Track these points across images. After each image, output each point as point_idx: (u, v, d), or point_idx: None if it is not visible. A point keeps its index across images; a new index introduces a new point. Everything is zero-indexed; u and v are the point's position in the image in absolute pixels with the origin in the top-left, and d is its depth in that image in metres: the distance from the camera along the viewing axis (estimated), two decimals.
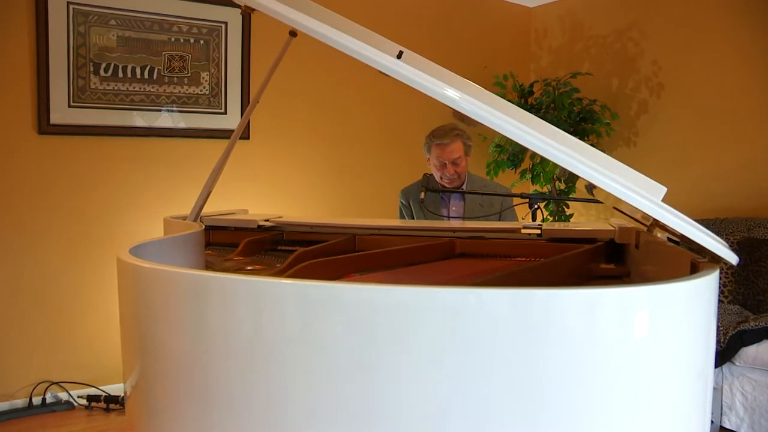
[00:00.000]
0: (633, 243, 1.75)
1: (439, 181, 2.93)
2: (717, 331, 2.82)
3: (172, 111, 3.49)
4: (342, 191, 4.14)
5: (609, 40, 4.47)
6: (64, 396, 3.22)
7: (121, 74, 3.33)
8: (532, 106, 4.28)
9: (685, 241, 1.18)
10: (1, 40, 3.05)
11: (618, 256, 1.88)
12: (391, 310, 0.96)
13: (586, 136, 4.17)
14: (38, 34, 3.08)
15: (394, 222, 2.54)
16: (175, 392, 1.13)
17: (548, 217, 4.19)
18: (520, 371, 0.95)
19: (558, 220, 4.16)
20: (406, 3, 4.35)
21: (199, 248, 1.76)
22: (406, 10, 4.33)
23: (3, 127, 3.08)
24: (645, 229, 1.68)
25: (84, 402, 3.19)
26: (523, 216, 3.04)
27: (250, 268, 1.85)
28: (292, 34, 2.01)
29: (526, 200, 2.49)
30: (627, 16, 4.35)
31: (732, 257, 1.11)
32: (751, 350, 2.82)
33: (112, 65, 3.30)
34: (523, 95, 4.38)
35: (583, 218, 4.60)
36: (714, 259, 1.16)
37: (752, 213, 3.59)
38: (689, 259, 1.22)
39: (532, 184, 4.26)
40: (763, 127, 3.64)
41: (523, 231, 2.02)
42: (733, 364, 2.87)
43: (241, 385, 1.04)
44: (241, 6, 1.47)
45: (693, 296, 1.03)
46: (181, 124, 3.52)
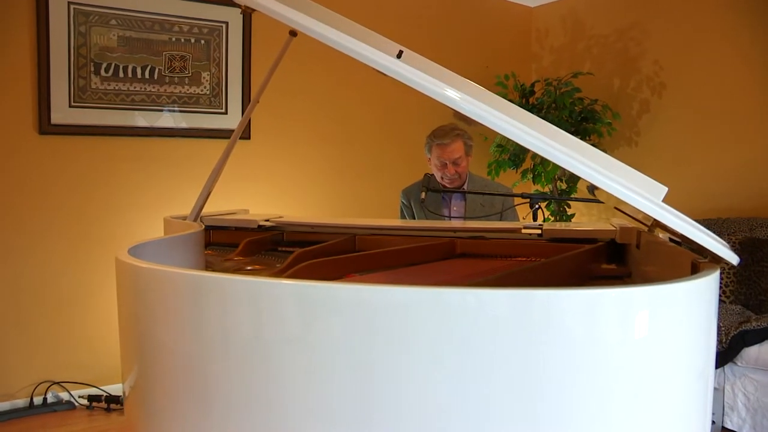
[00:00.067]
0: (634, 243, 1.75)
1: (440, 181, 2.92)
2: (719, 331, 2.82)
3: (174, 111, 3.49)
4: (343, 191, 4.13)
5: (610, 40, 4.47)
6: (65, 396, 3.22)
7: (121, 74, 3.33)
8: (533, 106, 4.28)
9: (686, 242, 1.17)
10: (2, 40, 3.05)
11: (619, 256, 1.87)
12: (391, 311, 0.96)
13: (587, 136, 4.16)
14: (39, 34, 3.08)
15: (395, 222, 2.54)
16: (174, 393, 1.13)
17: (549, 217, 4.18)
18: (520, 371, 0.95)
19: (559, 220, 4.15)
20: (407, 3, 4.34)
21: (199, 248, 1.76)
22: (407, 10, 4.33)
23: (4, 127, 3.08)
24: (646, 229, 1.67)
25: (85, 402, 3.19)
26: (524, 216, 3.03)
27: (249, 268, 1.85)
28: (293, 34, 2.01)
29: (527, 200, 2.49)
30: (628, 16, 4.34)
31: (732, 257, 1.11)
32: (753, 350, 2.81)
33: (113, 65, 3.30)
34: (525, 95, 4.38)
35: (585, 218, 4.59)
36: (715, 259, 1.15)
37: (754, 213, 3.58)
38: (690, 259, 1.21)
39: (534, 184, 4.26)
40: (765, 126, 3.63)
41: (524, 231, 2.02)
42: (735, 365, 2.86)
43: (240, 386, 1.03)
44: (242, 6, 1.46)
45: (693, 296, 1.03)
46: (183, 124, 3.52)
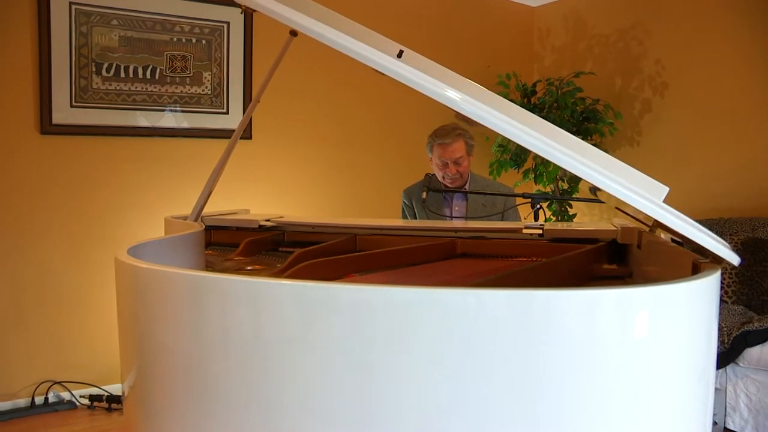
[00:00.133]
0: (635, 243, 1.74)
1: (441, 180, 2.92)
2: (721, 331, 2.82)
3: (176, 111, 3.49)
4: (344, 191, 4.13)
5: (612, 40, 4.46)
6: (67, 396, 3.23)
7: (123, 74, 3.33)
8: (535, 106, 4.27)
9: (687, 242, 1.17)
10: (4, 40, 3.05)
11: (621, 256, 1.87)
12: (390, 311, 0.96)
13: (589, 136, 4.16)
14: (40, 34, 3.09)
15: (396, 222, 2.54)
16: (174, 393, 1.13)
17: (551, 217, 4.18)
18: (519, 372, 0.94)
19: (561, 220, 4.14)
20: (408, 2, 4.34)
21: (199, 248, 1.76)
22: (408, 10, 4.33)
23: (5, 127, 3.09)
24: (647, 229, 1.67)
25: (86, 402, 3.20)
26: (525, 216, 3.03)
27: (250, 269, 1.85)
28: (293, 34, 2.00)
29: (528, 200, 2.49)
30: (630, 16, 4.33)
31: (733, 258, 1.10)
32: (755, 351, 2.80)
33: (114, 65, 3.31)
34: (526, 95, 4.37)
35: (587, 218, 4.59)
36: (716, 259, 1.15)
37: (756, 213, 3.57)
38: (691, 259, 1.21)
39: (535, 184, 4.25)
40: (767, 126, 3.62)
41: (525, 231, 2.02)
42: (737, 365, 2.86)
43: (240, 386, 1.03)
44: (242, 6, 1.46)
45: (694, 297, 1.03)
46: (184, 124, 3.53)
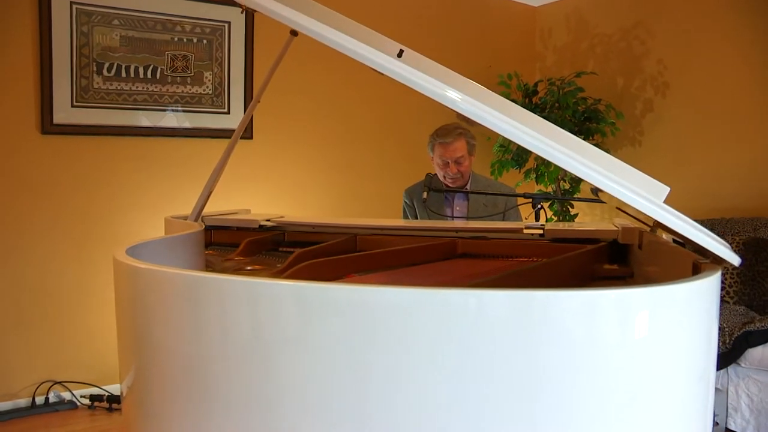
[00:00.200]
0: (636, 243, 1.74)
1: (442, 180, 2.91)
2: (722, 332, 2.82)
3: (177, 111, 3.49)
4: (345, 191, 4.13)
5: (614, 39, 4.45)
6: (67, 395, 3.23)
7: (124, 74, 3.33)
8: (536, 106, 4.27)
9: (688, 242, 1.16)
10: (5, 40, 3.05)
11: (621, 256, 1.87)
12: (389, 311, 0.96)
13: (590, 136, 4.15)
14: (41, 34, 3.09)
15: (397, 222, 2.53)
16: (173, 393, 1.12)
17: (552, 217, 4.17)
18: (519, 372, 0.94)
19: (562, 220, 4.14)
20: (409, 2, 4.34)
21: (199, 248, 1.75)
22: (409, 10, 4.32)
23: (6, 127, 3.09)
24: (648, 229, 1.66)
25: (87, 401, 3.20)
26: (526, 216, 3.02)
27: (249, 269, 1.84)
28: (293, 34, 2.00)
29: (529, 200, 2.48)
30: (632, 15, 4.33)
31: (734, 258, 1.10)
32: (756, 351, 2.79)
33: (115, 65, 3.31)
34: (528, 95, 4.37)
35: (588, 218, 4.58)
36: (716, 260, 1.15)
37: (758, 213, 3.56)
38: (692, 260, 1.21)
39: (537, 184, 4.25)
40: None
41: (526, 231, 2.01)
42: (739, 366, 2.85)
43: (238, 387, 1.03)
44: (242, 6, 1.46)
45: (694, 297, 1.02)
46: (186, 124, 3.53)
